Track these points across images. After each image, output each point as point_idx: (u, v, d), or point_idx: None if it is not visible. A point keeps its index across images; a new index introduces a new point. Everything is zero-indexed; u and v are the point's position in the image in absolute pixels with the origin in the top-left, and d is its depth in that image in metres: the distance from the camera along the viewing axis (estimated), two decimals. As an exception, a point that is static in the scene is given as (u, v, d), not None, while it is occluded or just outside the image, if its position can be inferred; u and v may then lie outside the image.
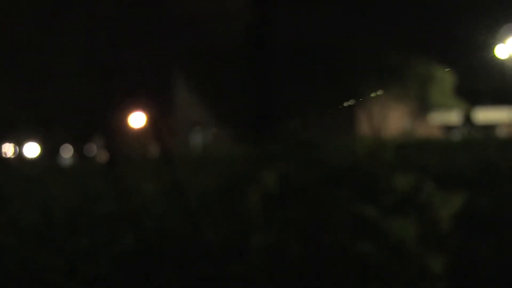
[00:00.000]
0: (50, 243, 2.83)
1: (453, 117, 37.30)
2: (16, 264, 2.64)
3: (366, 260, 1.69)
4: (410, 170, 1.64)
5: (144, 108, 1.96)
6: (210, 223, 2.62)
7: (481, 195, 3.43)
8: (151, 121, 1.99)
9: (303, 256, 2.16)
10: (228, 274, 2.14)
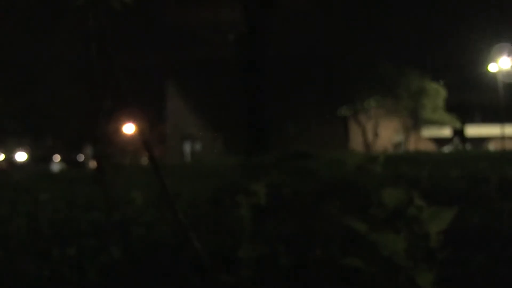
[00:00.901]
0: (37, 252, 2.80)
1: (445, 130, 37.62)
2: (3, 273, 2.60)
3: (355, 273, 1.68)
4: (400, 184, 1.64)
5: (135, 118, 1.94)
6: (199, 234, 2.61)
7: (471, 208, 3.44)
8: (141, 130, 1.97)
9: (292, 268, 2.15)
10: (217, 285, 2.12)
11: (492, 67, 33.65)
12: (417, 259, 1.49)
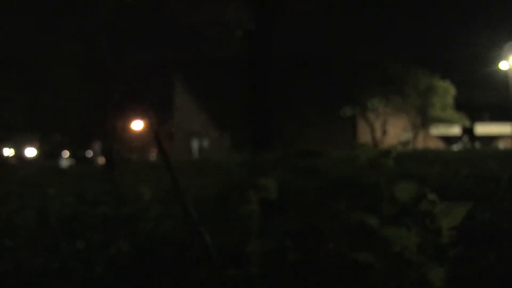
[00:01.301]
0: (46, 246, 2.81)
1: (454, 129, 37.50)
2: (11, 266, 2.61)
3: (365, 270, 1.66)
4: (411, 180, 1.62)
5: (143, 114, 1.94)
6: (207, 229, 2.60)
7: (480, 207, 3.42)
8: (151, 124, 1.97)
9: (301, 264, 2.14)
10: (224, 281, 2.11)
11: (503, 65, 33.47)
12: (428, 255, 1.48)
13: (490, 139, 43.09)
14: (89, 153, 44.38)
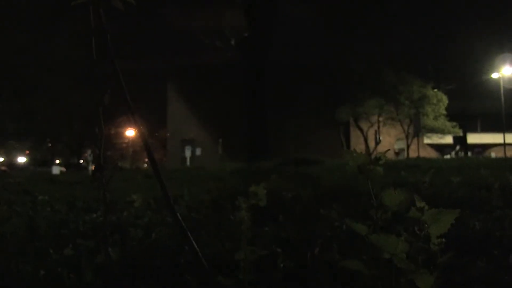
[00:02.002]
0: (35, 252, 2.78)
1: (447, 138, 37.57)
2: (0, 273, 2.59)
3: (355, 276, 1.66)
4: (401, 188, 1.62)
5: (135, 120, 1.92)
6: (199, 236, 2.59)
7: (472, 215, 3.43)
8: (142, 133, 1.96)
9: (291, 271, 2.13)
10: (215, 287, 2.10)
11: (495, 77, 33.76)
12: (418, 262, 1.47)
13: (482, 148, 43.34)
14: (81, 161, 44.27)
